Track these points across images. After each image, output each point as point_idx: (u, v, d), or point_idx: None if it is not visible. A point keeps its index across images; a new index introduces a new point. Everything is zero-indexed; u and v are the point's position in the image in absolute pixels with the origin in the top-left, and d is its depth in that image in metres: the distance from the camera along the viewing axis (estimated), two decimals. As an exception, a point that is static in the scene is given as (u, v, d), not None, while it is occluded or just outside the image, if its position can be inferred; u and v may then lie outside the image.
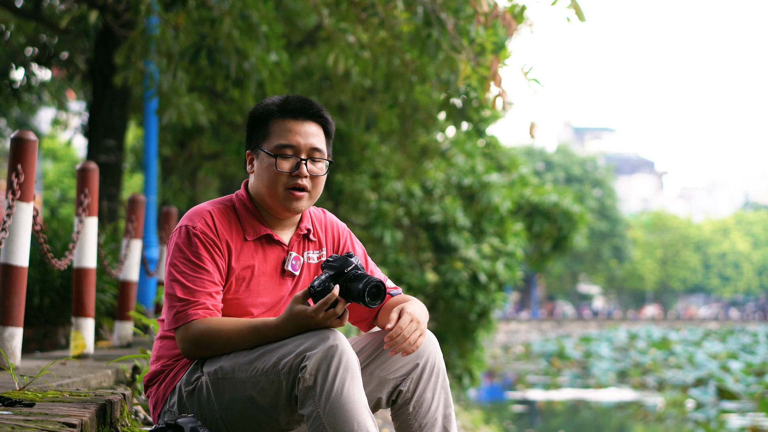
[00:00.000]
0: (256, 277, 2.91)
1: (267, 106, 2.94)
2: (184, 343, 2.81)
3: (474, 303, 14.39)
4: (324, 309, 2.70)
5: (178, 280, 2.82)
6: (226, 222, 2.91)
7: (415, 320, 2.80)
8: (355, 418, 2.65)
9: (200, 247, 2.84)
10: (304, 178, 2.89)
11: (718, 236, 77.34)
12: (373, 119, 10.94)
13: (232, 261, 2.89)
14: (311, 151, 2.91)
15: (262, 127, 2.93)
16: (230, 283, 2.88)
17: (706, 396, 19.22)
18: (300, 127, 2.91)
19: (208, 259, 2.84)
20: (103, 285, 7.10)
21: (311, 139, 2.91)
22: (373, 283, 2.77)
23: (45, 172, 30.39)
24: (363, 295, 2.76)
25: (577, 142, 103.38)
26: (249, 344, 2.78)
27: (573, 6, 6.14)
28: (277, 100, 2.95)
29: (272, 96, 3.02)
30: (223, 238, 2.88)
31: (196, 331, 2.79)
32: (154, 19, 8.61)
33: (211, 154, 14.78)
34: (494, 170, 15.45)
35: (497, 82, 6.42)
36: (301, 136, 2.90)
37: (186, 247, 2.84)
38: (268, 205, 2.94)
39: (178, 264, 2.84)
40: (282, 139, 2.90)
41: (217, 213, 2.92)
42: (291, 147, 2.89)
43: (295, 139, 2.90)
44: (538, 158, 61.90)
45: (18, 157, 4.13)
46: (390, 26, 7.49)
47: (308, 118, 2.93)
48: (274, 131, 2.91)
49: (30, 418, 2.61)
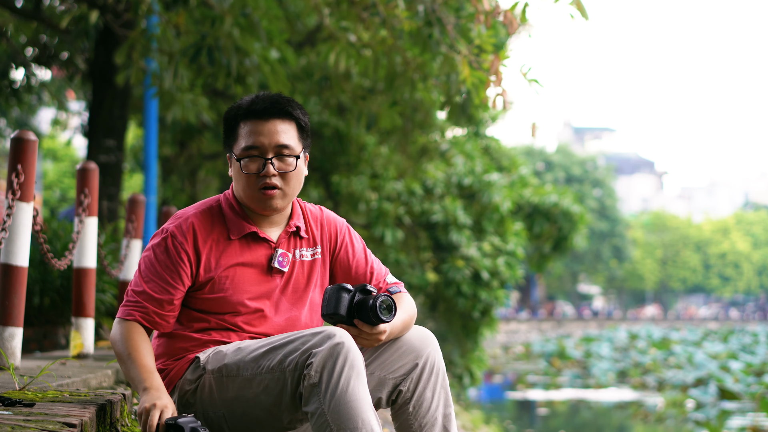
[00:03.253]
0: (242, 275, 2.93)
1: (235, 109, 2.97)
2: (113, 332, 2.90)
3: (476, 301, 14.38)
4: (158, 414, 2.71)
5: (137, 276, 2.92)
6: (208, 224, 2.94)
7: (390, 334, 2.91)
8: (360, 415, 2.66)
9: (167, 254, 2.90)
10: (272, 176, 2.91)
11: (718, 236, 77.33)
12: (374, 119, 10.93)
13: (213, 262, 2.91)
14: (277, 149, 2.92)
15: (233, 130, 2.97)
16: (212, 283, 2.91)
17: (706, 396, 19.22)
18: (264, 127, 2.92)
19: (168, 264, 2.89)
20: (103, 285, 7.09)
21: (276, 136, 2.91)
22: (381, 299, 2.84)
23: (45, 172, 30.40)
24: (376, 310, 2.82)
25: (577, 142, 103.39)
26: (128, 376, 2.86)
27: (576, 4, 6.13)
28: (246, 101, 2.96)
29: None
30: (201, 242, 2.92)
31: (123, 332, 2.88)
32: (154, 18, 8.61)
33: (211, 154, 14.78)
34: (494, 170, 15.44)
35: (497, 82, 6.41)
36: (265, 135, 2.91)
37: (155, 248, 2.92)
38: (248, 205, 2.97)
39: (142, 260, 2.94)
40: (247, 141, 2.92)
41: (200, 216, 2.95)
42: (256, 148, 2.91)
43: (259, 140, 2.91)
44: (538, 158, 61.91)
45: (18, 157, 4.12)
46: (391, 25, 7.48)
47: (274, 116, 2.93)
48: (241, 134, 2.94)
49: (30, 418, 2.61)
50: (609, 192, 66.88)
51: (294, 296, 2.99)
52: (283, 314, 2.97)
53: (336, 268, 3.08)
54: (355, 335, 2.85)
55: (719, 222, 79.83)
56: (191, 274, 2.90)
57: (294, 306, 2.99)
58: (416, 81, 8.21)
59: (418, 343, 2.95)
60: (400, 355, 2.94)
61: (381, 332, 2.86)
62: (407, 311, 2.99)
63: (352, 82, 10.42)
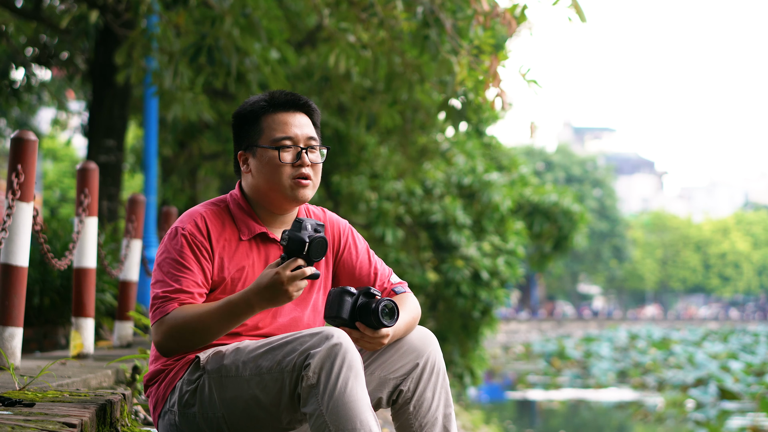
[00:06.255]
0: (251, 276, 2.92)
1: (255, 104, 2.96)
2: (158, 336, 2.79)
3: (476, 300, 14.38)
4: (292, 267, 2.67)
5: (162, 280, 2.83)
6: (219, 223, 2.92)
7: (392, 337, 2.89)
8: (358, 416, 2.66)
9: (186, 248, 2.85)
10: (307, 167, 2.91)
11: (718, 236, 77.31)
12: (373, 119, 10.93)
13: (225, 262, 2.89)
14: (308, 140, 2.94)
15: (254, 125, 2.94)
16: (225, 284, 2.89)
17: (706, 396, 19.21)
18: (293, 119, 2.94)
19: (192, 260, 2.84)
20: (103, 285, 7.09)
21: (305, 129, 2.94)
22: (384, 303, 2.82)
23: (45, 172, 30.39)
24: (377, 314, 2.81)
25: (577, 142, 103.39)
26: (222, 319, 2.74)
27: (574, 6, 6.14)
28: (263, 96, 2.97)
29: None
30: (215, 240, 2.89)
31: (171, 320, 2.76)
32: (154, 18, 8.61)
33: (211, 154, 14.78)
34: (494, 170, 15.44)
35: (496, 82, 6.41)
36: (297, 127, 2.93)
37: (173, 247, 2.86)
38: (271, 199, 2.94)
39: (163, 263, 2.85)
40: (279, 132, 2.91)
41: (210, 215, 2.92)
42: (289, 138, 2.91)
43: (292, 130, 2.92)
44: (538, 158, 61.91)
45: (18, 157, 4.13)
46: (389, 26, 7.48)
47: (298, 109, 2.96)
48: (268, 126, 2.92)
49: (30, 418, 2.61)
50: (609, 192, 66.90)
51: (298, 297, 2.98)
52: (286, 315, 2.96)
53: (339, 269, 3.07)
54: (357, 338, 2.84)
55: (719, 222, 79.82)
56: (211, 270, 2.87)
57: (297, 307, 2.98)
58: (414, 82, 8.22)
59: (418, 343, 2.95)
60: (400, 355, 2.94)
61: (383, 336, 2.85)
62: (410, 313, 2.98)
63: (352, 83, 10.43)
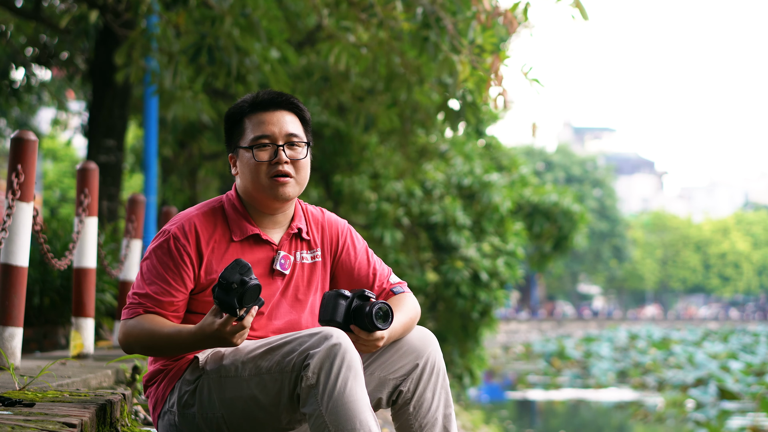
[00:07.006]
0: None
1: (239, 105, 2.98)
2: (120, 335, 2.85)
3: (476, 301, 14.38)
4: (230, 323, 2.66)
5: (138, 279, 2.88)
6: (210, 225, 2.92)
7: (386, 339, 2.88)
8: (358, 417, 2.65)
9: (167, 254, 2.86)
10: (284, 164, 2.90)
11: (718, 236, 77.30)
12: (373, 119, 10.93)
13: (214, 265, 2.89)
14: (287, 137, 2.93)
15: (238, 126, 2.96)
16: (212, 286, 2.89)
17: (706, 396, 19.21)
18: (272, 117, 2.93)
19: (170, 267, 2.86)
20: (103, 285, 7.09)
21: (285, 126, 2.93)
22: (377, 306, 2.81)
23: (45, 172, 30.38)
24: (371, 317, 2.80)
25: (577, 142, 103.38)
26: (173, 347, 2.78)
27: (576, 4, 6.13)
28: (249, 97, 2.98)
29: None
30: (204, 243, 2.89)
31: (130, 327, 2.82)
32: (154, 18, 8.61)
33: (211, 154, 14.78)
34: (494, 170, 15.44)
35: (498, 81, 6.41)
36: (274, 124, 2.92)
37: (156, 250, 2.88)
38: (257, 200, 2.94)
39: (144, 264, 2.90)
40: (257, 131, 2.92)
41: (201, 217, 2.92)
42: (266, 137, 2.91)
43: (269, 128, 2.92)
44: (538, 158, 61.92)
45: (18, 157, 4.12)
46: (389, 27, 7.48)
47: (279, 107, 2.95)
48: (248, 126, 2.93)
49: (30, 418, 2.61)
50: (609, 192, 66.90)
51: (294, 299, 2.97)
52: (283, 317, 2.95)
53: (338, 270, 3.06)
54: (353, 341, 2.83)
55: (719, 222, 79.80)
56: (194, 277, 2.88)
57: (294, 309, 2.97)
58: (413, 83, 8.22)
59: (418, 344, 2.95)
60: (400, 356, 2.93)
61: (378, 339, 2.85)
62: (408, 313, 2.97)
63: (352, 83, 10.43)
